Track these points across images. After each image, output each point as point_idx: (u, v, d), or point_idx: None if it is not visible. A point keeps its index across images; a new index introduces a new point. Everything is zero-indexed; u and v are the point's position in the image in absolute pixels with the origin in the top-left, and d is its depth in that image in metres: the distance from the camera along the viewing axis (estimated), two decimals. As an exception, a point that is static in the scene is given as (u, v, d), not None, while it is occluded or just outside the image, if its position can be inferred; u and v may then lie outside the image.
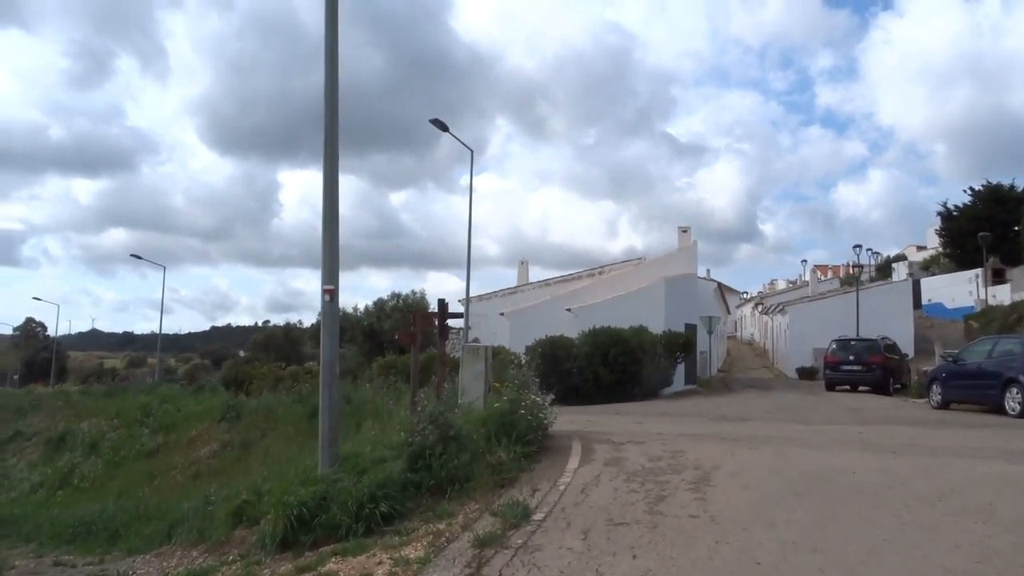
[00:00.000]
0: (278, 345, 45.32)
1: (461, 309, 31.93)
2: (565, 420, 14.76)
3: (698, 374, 29.18)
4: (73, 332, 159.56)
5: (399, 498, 6.49)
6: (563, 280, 34.99)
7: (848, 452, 8.53)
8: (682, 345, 24.65)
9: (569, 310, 27.93)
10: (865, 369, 25.25)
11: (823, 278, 59.88)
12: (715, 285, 39.13)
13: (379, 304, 32.12)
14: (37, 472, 19.66)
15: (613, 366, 22.73)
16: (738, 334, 70.56)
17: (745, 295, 78.05)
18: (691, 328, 27.55)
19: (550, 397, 22.73)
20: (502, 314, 30.60)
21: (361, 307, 32.89)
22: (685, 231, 30.52)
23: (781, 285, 77.58)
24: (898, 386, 26.00)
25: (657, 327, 24.80)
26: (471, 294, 38.45)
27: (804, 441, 9.65)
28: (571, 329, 25.12)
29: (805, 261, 74.56)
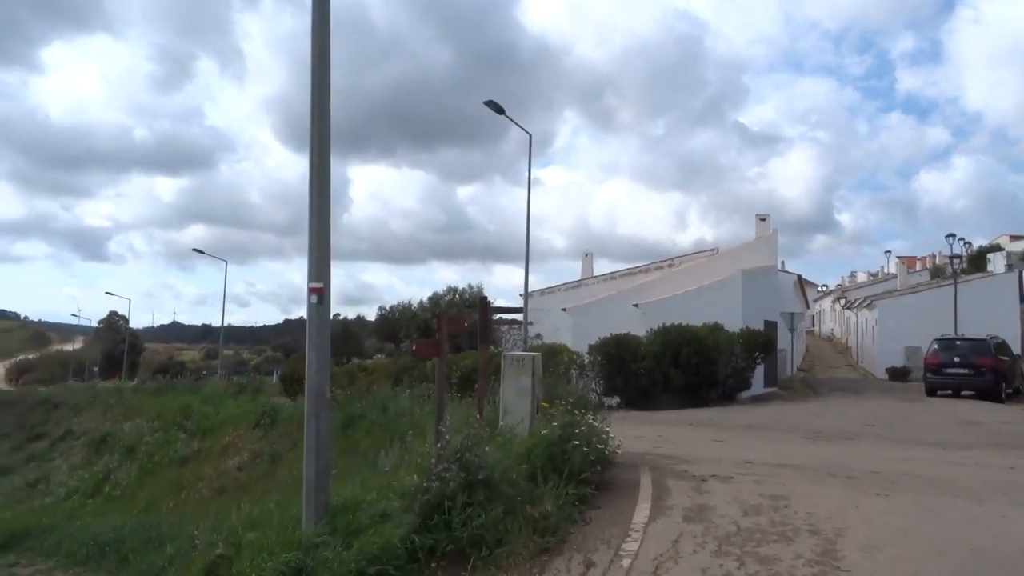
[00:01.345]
0: (337, 341, 44.41)
1: (522, 303, 30.39)
2: (631, 433, 12.85)
3: (778, 375, 26.71)
4: (156, 325, 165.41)
5: (402, 573, 4.76)
6: (629, 273, 32.84)
7: (1021, 508, 6.36)
8: (762, 344, 22.30)
9: (636, 305, 25.86)
10: (973, 372, 22.41)
11: (911, 270, 55.76)
12: (795, 278, 36.26)
13: (435, 299, 30.62)
14: (76, 476, 18.86)
15: (685, 367, 20.67)
16: (815, 329, 66.80)
17: (823, 288, 73.97)
18: (771, 325, 25.11)
19: (614, 400, 20.97)
20: (563, 310, 28.72)
21: (415, 302, 31.64)
22: (764, 219, 27.97)
23: (862, 277, 73.13)
24: (1009, 391, 23.08)
25: (733, 324, 22.54)
26: (534, 288, 36.81)
27: (947, 483, 7.44)
28: (638, 326, 23.10)
29: (889, 252, 70.20)
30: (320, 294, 5.31)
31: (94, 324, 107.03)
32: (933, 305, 34.75)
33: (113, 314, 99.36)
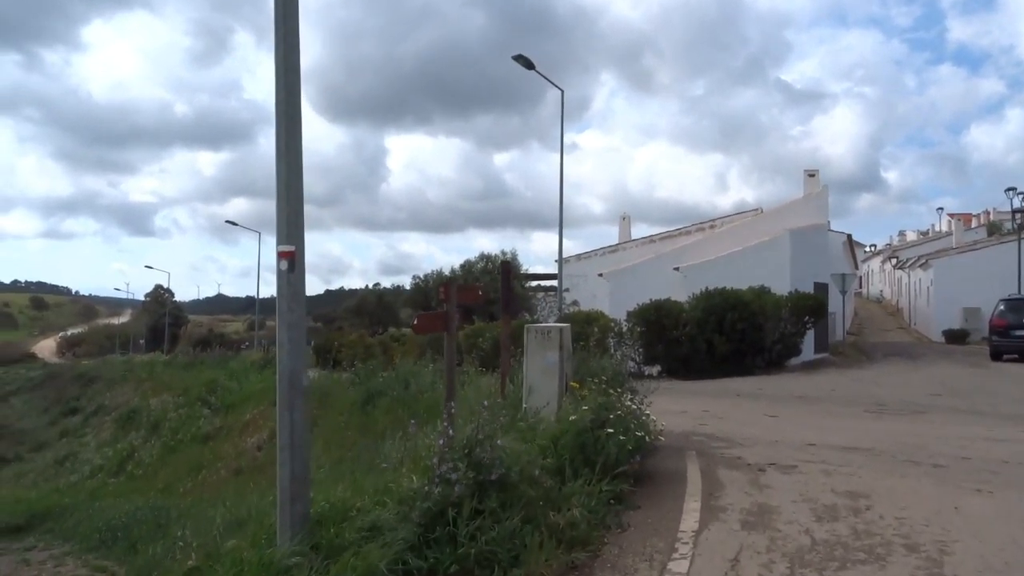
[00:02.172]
0: (371, 311, 43.89)
1: (557, 269, 29.28)
2: (673, 407, 11.79)
3: (828, 339, 25.31)
4: (201, 298, 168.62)
5: (392, 604, 3.83)
6: (669, 236, 31.46)
7: None
8: (812, 308, 20.93)
9: (677, 269, 24.60)
10: (1045, 335, 20.81)
11: (966, 227, 53.08)
12: (844, 237, 34.50)
13: (466, 266, 29.63)
14: (102, 453, 18.51)
15: (730, 334, 19.49)
16: (863, 291, 64.46)
17: (872, 248, 71.35)
18: (821, 288, 23.66)
19: (655, 369, 19.85)
20: (600, 275, 27.56)
21: (447, 270, 30.67)
22: (812, 175, 26.30)
23: (911, 236, 70.24)
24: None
25: (781, 287, 21.20)
26: (570, 253, 35.62)
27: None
28: (679, 291, 21.92)
29: (941, 209, 67.11)
30: (291, 259, 4.32)
31: (141, 298, 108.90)
32: (993, 264, 32.75)
33: (158, 287, 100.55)
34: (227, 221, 47.43)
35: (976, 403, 12.15)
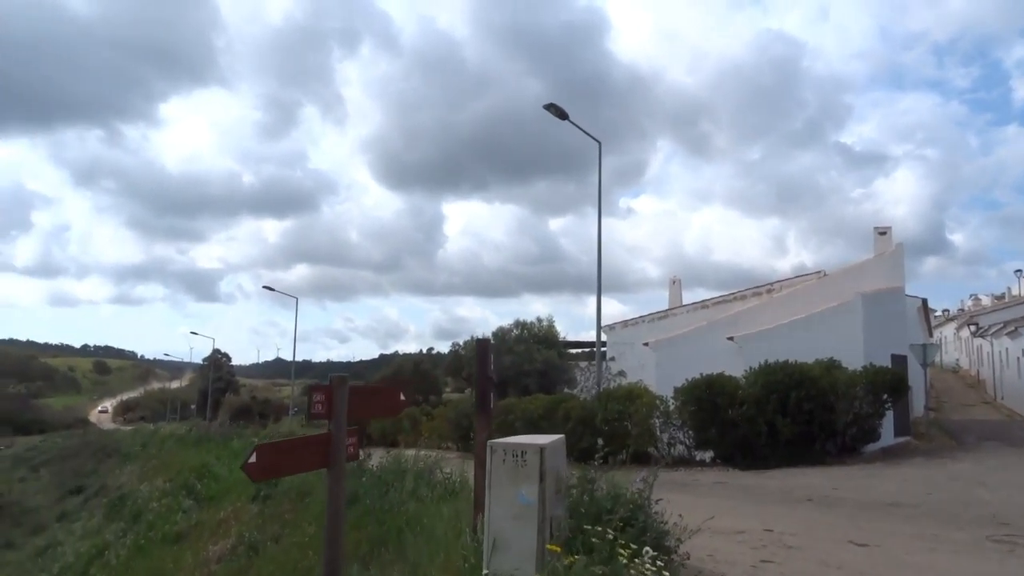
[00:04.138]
0: (407, 379, 41.82)
1: (610, 337, 26.69)
2: (727, 522, 9.18)
3: (910, 419, 22.14)
4: (260, 362, 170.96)
5: None
6: (723, 301, 28.84)
7: None
8: (891, 384, 18.02)
9: (731, 339, 21.97)
10: None
11: (1051, 291, 48.74)
12: (919, 302, 31.27)
13: (500, 334, 27.44)
14: (87, 542, 16.53)
15: (795, 415, 16.79)
16: (936, 360, 59.81)
17: (945, 313, 66.81)
18: (900, 360, 20.70)
19: (707, 455, 17.13)
20: (646, 344, 25.03)
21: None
22: (883, 233, 23.54)
23: (985, 301, 65.52)
24: None
25: (853, 360, 18.44)
26: (618, 319, 33.11)
27: None
28: (734, 363, 19.31)
29: (1021, 271, 62.50)
30: None
31: (200, 362, 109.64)
32: (1093, 330, 29.14)
33: (216, 351, 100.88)
34: (264, 287, 46.54)
35: None
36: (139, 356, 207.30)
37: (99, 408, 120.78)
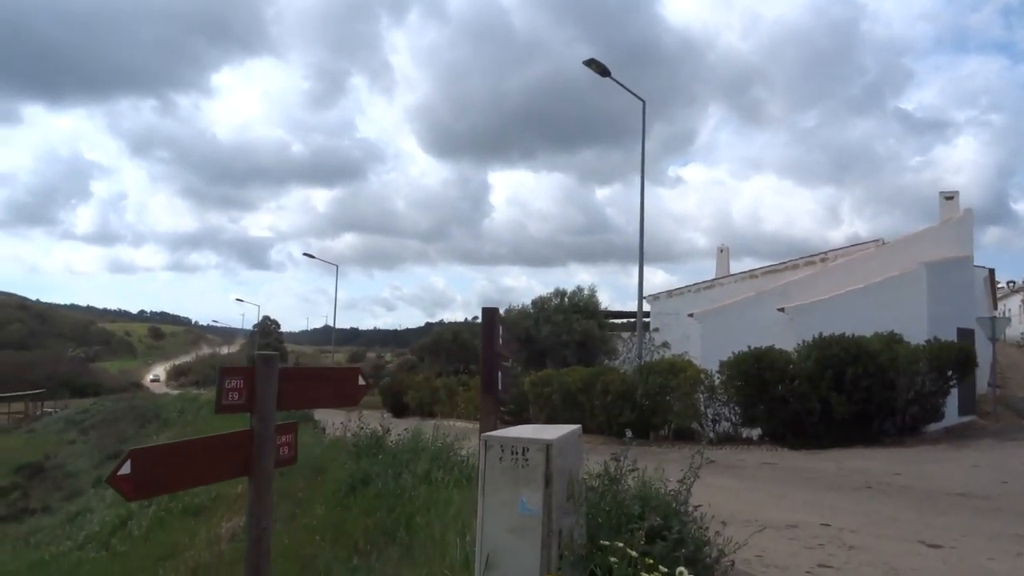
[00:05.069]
0: (446, 348, 41.29)
1: (656, 306, 25.42)
2: (776, 514, 8.30)
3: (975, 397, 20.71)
4: (309, 329, 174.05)
5: None
6: (773, 270, 27.48)
7: None
8: (958, 360, 16.71)
9: (782, 310, 20.74)
10: None
11: None
12: (986, 273, 29.36)
13: (539, 303, 26.49)
14: (113, 511, 16.29)
15: (851, 391, 15.67)
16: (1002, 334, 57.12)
17: (1011, 284, 63.71)
18: (966, 334, 19.25)
19: (755, 432, 16.10)
20: (691, 315, 23.91)
21: (518, 306, 27.60)
22: (950, 198, 21.87)
23: (1055, 272, 62.38)
24: None
25: (915, 334, 17.16)
26: (663, 289, 31.95)
27: None
28: (785, 336, 18.17)
29: (1094, 241, 59.11)
30: None
31: (251, 328, 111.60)
32: None
33: (265, 318, 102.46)
34: (304, 254, 46.41)
35: None
36: (193, 322, 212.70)
37: (151, 376, 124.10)
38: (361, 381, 3.55)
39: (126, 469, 2.47)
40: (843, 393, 15.66)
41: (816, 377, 15.86)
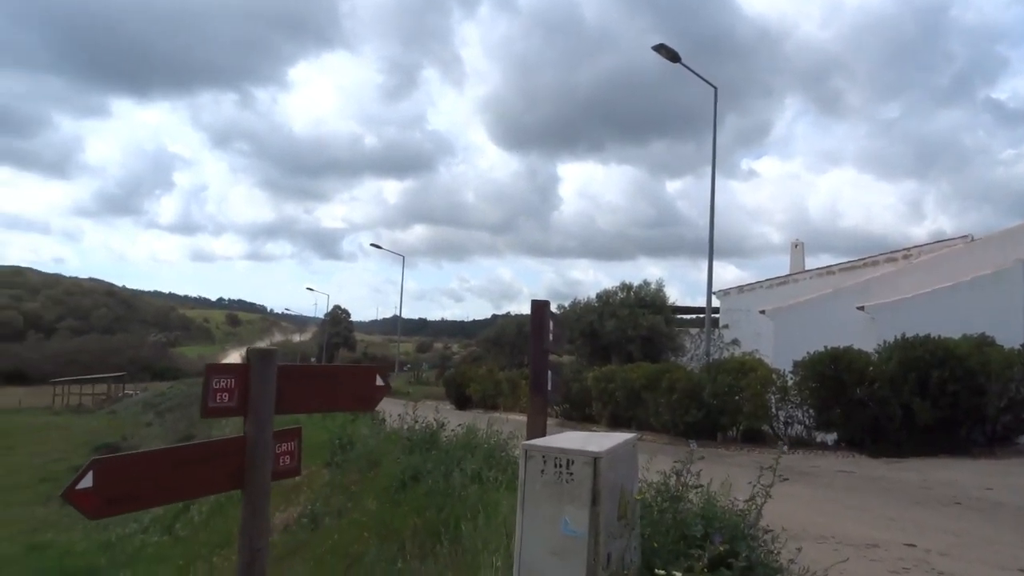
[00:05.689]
0: (510, 340, 41.03)
1: (724, 303, 24.43)
2: (854, 528, 7.69)
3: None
4: (379, 318, 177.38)
5: None
6: (851, 267, 26.21)
7: None
8: (1057, 366, 15.45)
9: (862, 309, 19.68)
10: None
11: None
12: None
13: (603, 297, 25.88)
14: (174, 498, 16.65)
15: (936, 397, 14.66)
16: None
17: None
18: (1066, 338, 17.82)
19: (830, 437, 15.28)
20: (763, 312, 22.98)
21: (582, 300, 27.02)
22: (1051, 191, 20.36)
23: None
24: None
25: (1010, 337, 15.96)
26: (734, 284, 30.96)
27: None
28: (864, 336, 17.21)
29: None
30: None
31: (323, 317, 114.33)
32: None
33: (336, 308, 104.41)
34: (372, 244, 46.98)
35: None
36: (268, 310, 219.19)
37: (227, 362, 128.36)
38: (379, 382, 3.18)
39: (86, 482, 2.15)
40: (927, 398, 14.68)
41: (898, 380, 14.93)
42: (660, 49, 17.59)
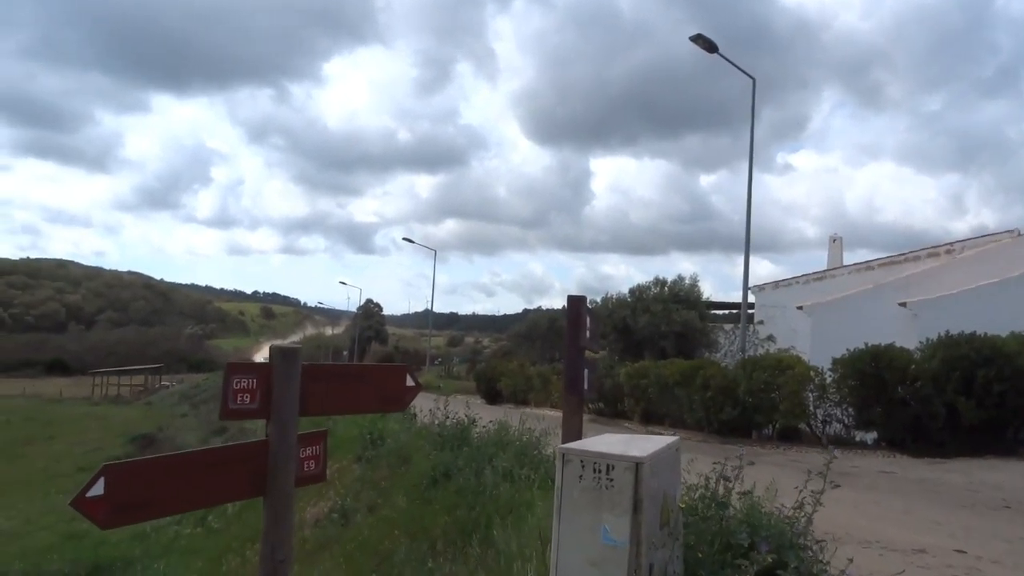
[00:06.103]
0: (541, 335, 40.88)
1: (758, 298, 24.02)
2: (898, 532, 7.44)
3: None
4: (411, 312, 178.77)
5: None
6: (891, 262, 25.57)
7: None
8: (1109, 366, 14.86)
9: (903, 305, 19.17)
10: None
11: None
12: None
13: (636, 292, 25.56)
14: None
15: (982, 397, 14.16)
16: None
17: None
18: (1119, 336, 17.17)
19: (870, 436, 14.91)
20: (800, 307, 22.53)
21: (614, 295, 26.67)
22: (1103, 184, 19.64)
23: None
24: None
25: (1058, 334, 15.39)
26: (770, 280, 30.44)
27: None
28: (905, 333, 16.76)
29: None
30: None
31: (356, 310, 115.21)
32: None
33: (368, 301, 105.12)
34: (404, 238, 47.13)
35: None
36: (301, 303, 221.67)
37: (261, 354, 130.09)
38: (410, 381, 3.03)
39: (97, 490, 2.04)
40: (972, 398, 14.22)
41: (941, 379, 14.48)
42: (698, 39, 17.26)
